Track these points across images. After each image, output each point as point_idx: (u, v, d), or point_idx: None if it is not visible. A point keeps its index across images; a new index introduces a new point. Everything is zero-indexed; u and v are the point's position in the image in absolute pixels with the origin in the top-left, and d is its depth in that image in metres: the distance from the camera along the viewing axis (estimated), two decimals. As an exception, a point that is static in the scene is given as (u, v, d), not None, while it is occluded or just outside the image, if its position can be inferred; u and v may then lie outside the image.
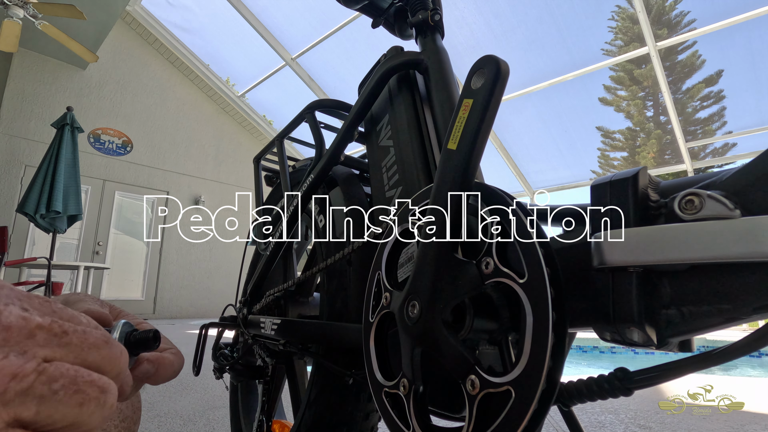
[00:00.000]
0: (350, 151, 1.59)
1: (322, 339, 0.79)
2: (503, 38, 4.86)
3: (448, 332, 0.46)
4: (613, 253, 0.41)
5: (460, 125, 0.50)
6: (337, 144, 0.83)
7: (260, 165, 1.20)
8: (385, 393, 0.53)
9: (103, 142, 5.90)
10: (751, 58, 4.41)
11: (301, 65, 5.96)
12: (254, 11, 5.57)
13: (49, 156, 4.26)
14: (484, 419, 0.41)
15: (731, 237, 0.35)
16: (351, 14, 4.89)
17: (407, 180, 0.71)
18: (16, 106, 5.26)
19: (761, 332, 0.35)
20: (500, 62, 0.49)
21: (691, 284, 0.39)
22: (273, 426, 1.01)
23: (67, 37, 3.98)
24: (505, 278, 0.42)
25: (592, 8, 4.51)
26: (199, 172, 6.81)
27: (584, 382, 0.42)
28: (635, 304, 0.40)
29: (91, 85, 5.86)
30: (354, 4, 0.90)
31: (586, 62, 4.85)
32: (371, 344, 0.58)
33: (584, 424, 1.67)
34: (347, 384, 0.75)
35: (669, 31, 4.76)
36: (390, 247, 0.60)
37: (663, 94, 4.88)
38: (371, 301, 0.60)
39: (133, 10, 5.86)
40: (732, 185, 0.38)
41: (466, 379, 0.43)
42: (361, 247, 0.70)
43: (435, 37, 0.79)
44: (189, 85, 6.76)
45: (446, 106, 0.71)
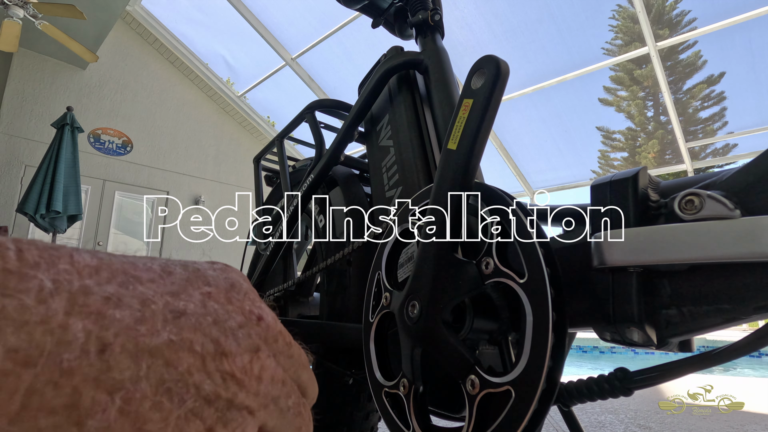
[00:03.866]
0: (350, 151, 1.59)
1: (322, 339, 0.79)
2: (503, 38, 4.85)
3: (448, 332, 0.46)
4: (613, 253, 0.41)
5: (460, 125, 0.50)
6: (337, 144, 0.83)
7: (260, 165, 1.20)
8: (385, 393, 0.53)
9: (103, 142, 5.90)
10: (752, 58, 4.40)
11: (301, 65, 5.96)
12: (254, 11, 5.57)
13: (49, 156, 4.26)
14: (484, 419, 0.41)
15: (731, 237, 0.35)
16: (351, 14, 4.89)
17: (407, 180, 0.71)
18: (16, 106, 5.26)
19: (761, 332, 0.35)
20: (500, 62, 0.49)
21: (691, 284, 0.39)
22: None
23: (67, 37, 3.98)
24: (505, 278, 0.42)
25: (592, 8, 4.51)
26: (199, 172, 6.82)
27: (584, 382, 0.42)
28: (635, 304, 0.40)
29: (91, 85, 5.86)
30: (354, 4, 0.90)
31: (586, 62, 4.85)
32: (371, 344, 0.58)
33: (584, 424, 1.67)
34: (347, 384, 0.75)
35: (669, 31, 4.76)
36: (390, 247, 0.60)
37: (663, 94, 4.88)
38: (371, 301, 0.60)
39: (133, 10, 5.86)
40: (732, 185, 0.38)
41: (466, 379, 0.43)
42: (361, 247, 0.70)
43: (435, 37, 0.79)
44: (189, 85, 6.77)
45: (446, 106, 0.71)
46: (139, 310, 0.14)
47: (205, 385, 0.14)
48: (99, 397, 0.11)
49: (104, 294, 0.13)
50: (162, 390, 0.13)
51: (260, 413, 0.16)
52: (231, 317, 0.17)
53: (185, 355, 0.14)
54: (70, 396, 0.11)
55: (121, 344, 0.13)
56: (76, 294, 0.13)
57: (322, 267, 0.78)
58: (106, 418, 0.11)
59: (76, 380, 0.11)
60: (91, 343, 0.12)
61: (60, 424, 0.11)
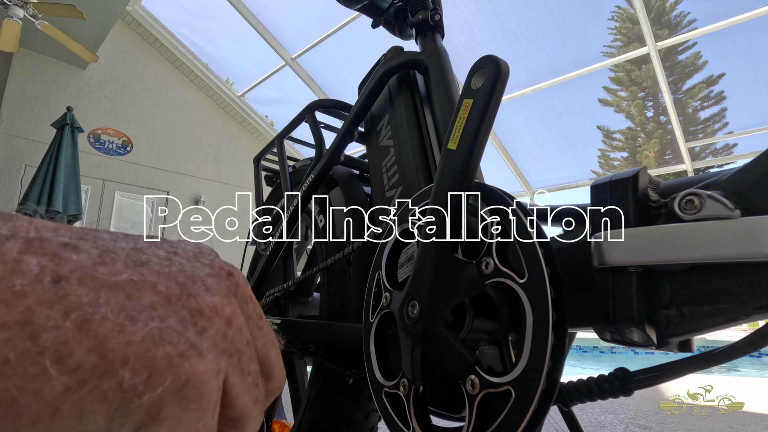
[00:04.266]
0: (350, 151, 1.59)
1: (322, 339, 0.79)
2: (503, 38, 4.85)
3: (448, 332, 0.46)
4: (613, 253, 0.41)
5: (460, 125, 0.50)
6: (337, 144, 0.83)
7: (260, 165, 1.20)
8: (385, 393, 0.53)
9: (103, 142, 5.90)
10: (752, 58, 4.40)
11: (301, 65, 5.96)
12: (254, 11, 5.57)
13: (49, 156, 4.26)
14: (484, 419, 0.41)
15: (731, 237, 0.35)
16: (351, 14, 4.89)
17: (407, 180, 0.71)
18: (16, 106, 5.26)
19: (761, 332, 0.35)
20: (500, 62, 0.49)
21: (691, 284, 0.39)
22: (273, 426, 1.00)
23: (67, 37, 3.98)
24: (505, 278, 0.42)
25: (592, 8, 4.51)
26: (199, 172, 6.81)
27: (584, 382, 0.42)
28: (635, 304, 0.40)
29: (91, 85, 5.86)
30: (354, 4, 0.90)
31: (586, 62, 4.85)
32: (371, 344, 0.58)
33: (584, 424, 1.67)
34: (347, 384, 0.75)
35: (669, 32, 4.76)
36: (390, 247, 0.60)
37: (663, 94, 4.88)
38: (371, 301, 0.60)
39: (133, 10, 5.86)
40: (732, 185, 0.38)
41: (466, 379, 0.43)
42: (361, 247, 0.70)
43: (435, 37, 0.79)
44: (189, 85, 6.77)
45: (446, 106, 0.71)
46: (99, 256, 0.14)
47: (170, 319, 0.14)
48: (53, 315, 0.12)
49: (61, 241, 0.13)
50: (124, 316, 0.13)
51: (224, 360, 0.15)
52: (198, 269, 0.16)
53: (148, 293, 0.14)
54: (22, 314, 0.11)
55: (77, 278, 0.13)
56: (32, 239, 0.13)
57: (322, 267, 0.78)
58: (62, 334, 0.11)
59: (29, 301, 0.11)
60: (45, 274, 0.12)
61: (12, 338, 0.11)
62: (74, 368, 0.11)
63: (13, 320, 0.11)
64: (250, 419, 0.17)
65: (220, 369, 0.14)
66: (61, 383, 0.11)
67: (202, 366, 0.13)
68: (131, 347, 0.12)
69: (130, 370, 0.12)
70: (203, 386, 0.13)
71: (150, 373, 0.12)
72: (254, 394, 0.16)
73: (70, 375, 0.11)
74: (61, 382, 0.11)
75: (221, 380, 0.15)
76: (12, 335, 0.11)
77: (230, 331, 0.15)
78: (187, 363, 0.13)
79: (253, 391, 0.16)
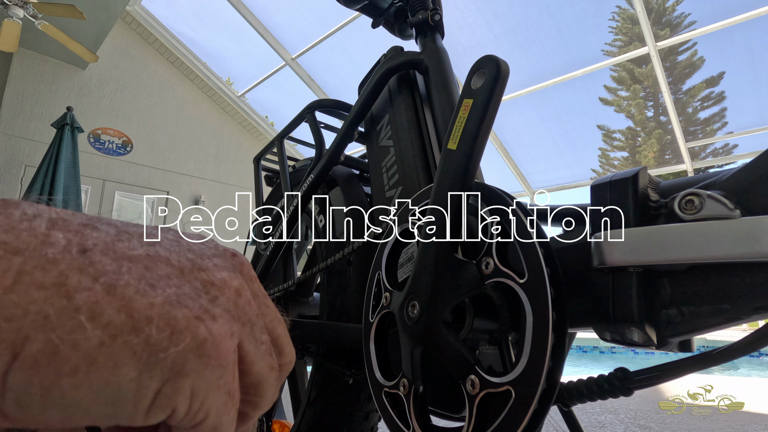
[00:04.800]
0: (350, 151, 1.59)
1: (322, 339, 0.79)
2: (503, 38, 4.85)
3: (448, 332, 0.46)
4: (613, 253, 0.41)
5: (460, 125, 0.50)
6: (337, 144, 0.83)
7: (260, 165, 1.20)
8: (385, 393, 0.53)
9: (103, 142, 5.89)
10: (752, 58, 4.40)
11: (301, 65, 5.96)
12: (254, 11, 5.56)
13: (49, 156, 4.26)
14: (484, 419, 0.41)
15: (731, 237, 0.35)
16: (351, 14, 4.89)
17: (407, 180, 0.71)
18: (16, 106, 5.26)
19: (761, 332, 0.35)
20: (500, 62, 0.49)
21: (691, 284, 0.39)
22: (273, 426, 1.00)
23: (67, 37, 3.97)
24: (505, 278, 0.42)
25: (592, 8, 4.51)
26: (199, 172, 6.81)
27: (584, 382, 0.42)
28: (635, 304, 0.40)
29: (91, 85, 5.85)
30: (354, 4, 0.90)
31: (586, 62, 4.85)
32: (371, 344, 0.58)
33: (584, 424, 1.67)
34: (347, 384, 0.75)
35: (669, 32, 4.76)
36: (390, 247, 0.60)
37: (663, 94, 4.88)
38: (371, 301, 0.60)
39: (133, 10, 5.85)
40: (732, 185, 0.38)
41: (466, 379, 0.43)
42: (361, 247, 0.70)
43: (435, 37, 0.79)
44: (189, 85, 6.76)
45: (446, 106, 0.71)
46: (116, 234, 0.16)
47: (185, 287, 0.15)
48: (84, 280, 0.13)
49: (81, 221, 0.15)
50: (144, 283, 0.14)
51: (237, 325, 0.16)
52: (204, 250, 0.18)
53: (163, 266, 0.15)
54: (57, 277, 0.13)
55: (100, 250, 0.14)
56: (56, 219, 0.15)
57: (322, 267, 0.78)
58: (93, 295, 0.13)
59: (61, 267, 0.13)
60: (72, 245, 0.14)
61: (50, 296, 0.12)
62: (106, 324, 0.13)
63: (50, 282, 0.13)
64: (268, 384, 0.18)
65: (234, 332, 0.16)
66: (96, 337, 0.13)
67: (216, 327, 0.15)
68: (154, 308, 0.14)
69: (155, 327, 0.14)
70: (220, 344, 0.15)
71: (172, 330, 0.14)
72: (269, 361, 0.17)
73: (103, 330, 0.13)
74: (95, 335, 0.13)
75: (236, 342, 0.16)
76: (50, 294, 0.12)
77: (240, 301, 0.17)
78: (203, 325, 0.15)
79: (268, 359, 0.17)
